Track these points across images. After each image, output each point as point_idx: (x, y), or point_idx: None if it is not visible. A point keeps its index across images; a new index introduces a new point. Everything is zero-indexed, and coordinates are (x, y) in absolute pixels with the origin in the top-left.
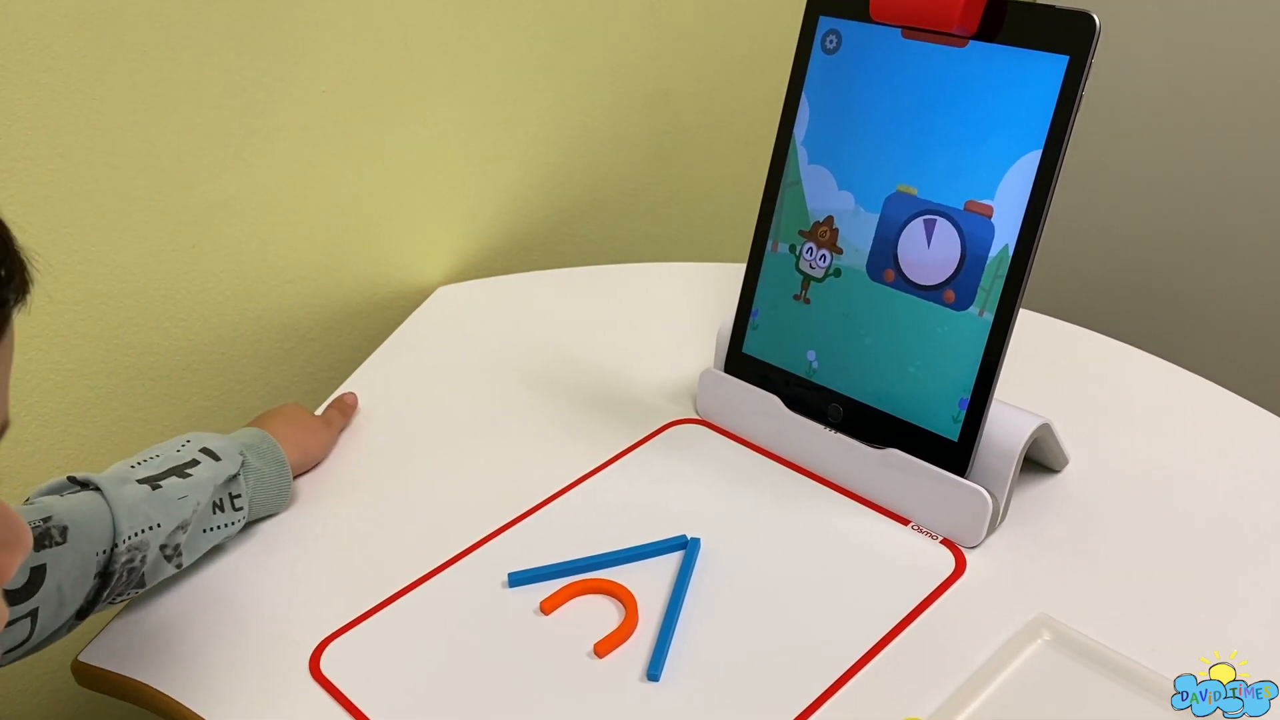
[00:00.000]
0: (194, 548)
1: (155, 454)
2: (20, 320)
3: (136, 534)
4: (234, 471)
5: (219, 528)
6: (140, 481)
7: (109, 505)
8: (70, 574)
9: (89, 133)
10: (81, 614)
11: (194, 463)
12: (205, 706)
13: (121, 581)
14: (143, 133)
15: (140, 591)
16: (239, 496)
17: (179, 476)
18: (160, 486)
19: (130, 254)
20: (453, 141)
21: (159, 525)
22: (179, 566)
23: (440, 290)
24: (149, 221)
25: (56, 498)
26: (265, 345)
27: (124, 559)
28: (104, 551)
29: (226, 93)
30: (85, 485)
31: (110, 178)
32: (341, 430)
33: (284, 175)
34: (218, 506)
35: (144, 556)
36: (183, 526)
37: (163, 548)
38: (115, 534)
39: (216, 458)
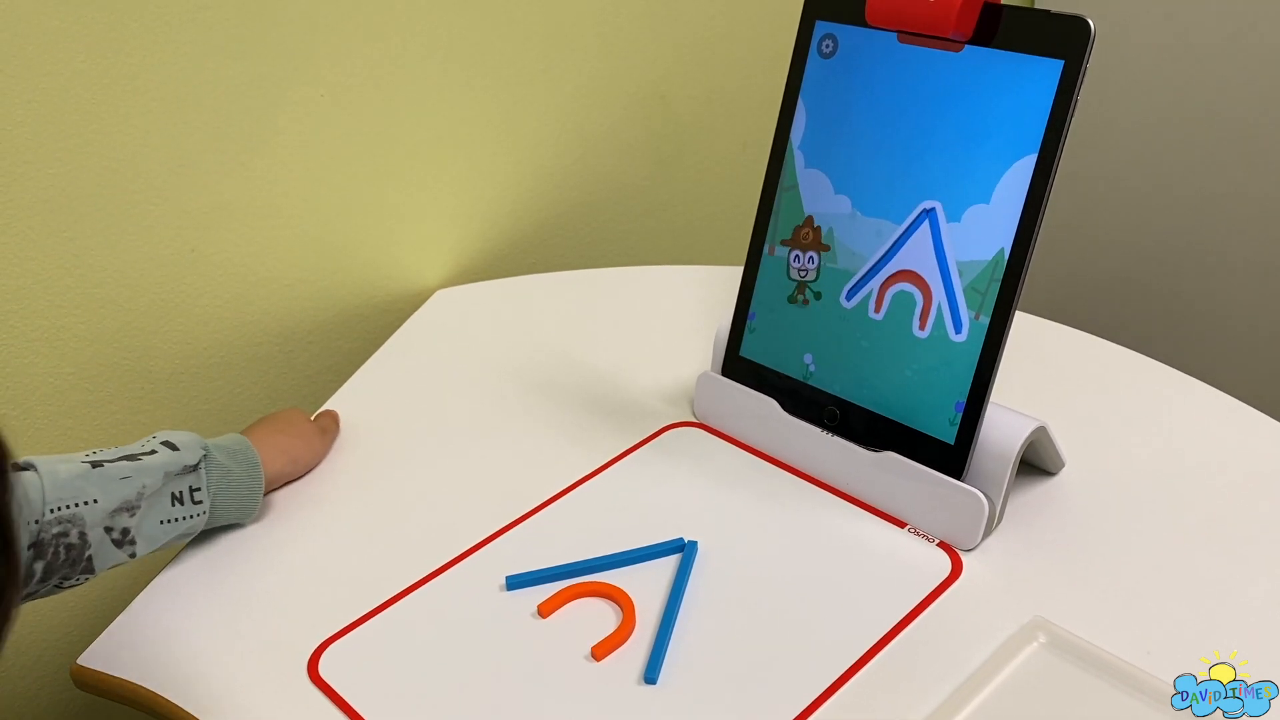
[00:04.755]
0: (149, 536)
1: (118, 448)
2: (19, 324)
3: (66, 506)
4: (192, 462)
5: (177, 520)
6: (83, 462)
7: (39, 477)
8: None
9: (88, 137)
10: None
11: (150, 452)
12: (204, 710)
13: (61, 560)
14: (141, 137)
15: (90, 578)
16: (199, 490)
17: (128, 460)
18: (102, 466)
19: (129, 258)
20: (451, 145)
21: (95, 501)
22: (134, 554)
23: (438, 294)
24: (148, 225)
25: None
26: (263, 348)
27: (54, 530)
28: (34, 522)
29: (225, 97)
30: (26, 468)
31: (109, 181)
32: (334, 439)
33: (282, 179)
34: (176, 499)
35: (81, 533)
36: (127, 509)
37: (108, 530)
38: (44, 503)
39: (175, 449)
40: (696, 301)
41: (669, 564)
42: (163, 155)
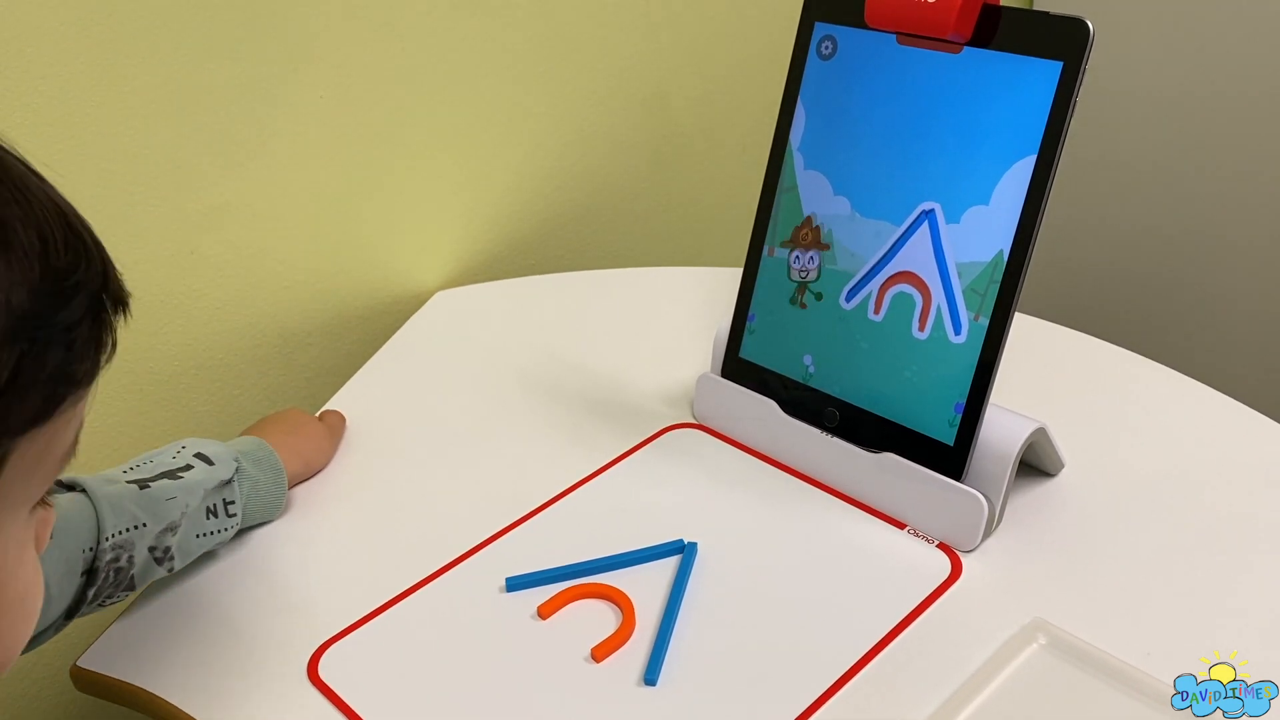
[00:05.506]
0: (186, 551)
1: (149, 459)
2: None
3: (121, 532)
4: (227, 477)
5: (212, 533)
6: (129, 482)
7: (93, 503)
8: (56, 571)
9: (86, 138)
10: (69, 614)
11: (187, 467)
12: (203, 711)
13: (109, 582)
14: (140, 138)
15: (130, 594)
16: (233, 503)
17: (170, 479)
18: (149, 487)
19: (128, 259)
20: (450, 146)
21: (144, 525)
22: (170, 570)
23: (438, 295)
24: (147, 227)
25: None
26: (263, 350)
27: (108, 557)
28: (89, 549)
29: (224, 98)
30: (71, 487)
31: (108, 183)
32: (340, 438)
33: (282, 180)
34: (211, 512)
35: (130, 557)
36: (171, 528)
37: (151, 550)
38: (99, 531)
39: (210, 463)
40: (696, 303)
41: (669, 565)
42: (162, 156)
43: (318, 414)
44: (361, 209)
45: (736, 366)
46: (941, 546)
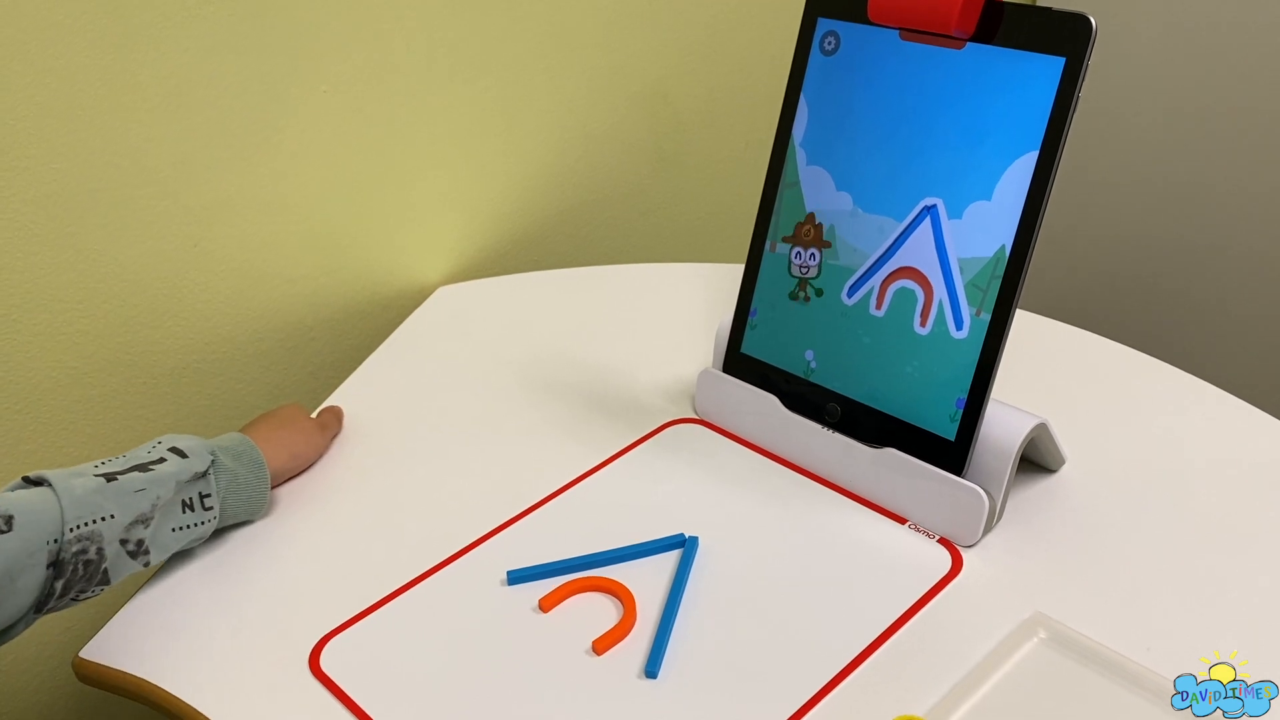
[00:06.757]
0: (162, 545)
1: (125, 455)
2: (22, 319)
3: (86, 523)
4: (201, 469)
5: (188, 527)
6: (97, 475)
7: (56, 495)
8: (20, 563)
9: (91, 132)
10: (39, 607)
11: (159, 460)
12: (205, 703)
13: (79, 575)
14: (145, 132)
15: (105, 589)
16: (209, 496)
17: (140, 471)
18: (116, 479)
19: (132, 253)
20: (453, 141)
21: (112, 516)
22: (147, 564)
23: (440, 290)
24: (151, 220)
25: (6, 492)
26: (266, 344)
27: (74, 549)
28: (54, 540)
29: (228, 92)
30: (39, 483)
31: (112, 177)
32: (336, 435)
33: (285, 175)
34: (187, 505)
35: (99, 549)
36: (142, 521)
37: (123, 542)
38: (63, 523)
39: (184, 455)
40: (698, 298)
41: (670, 559)
42: (165, 151)
43: (317, 410)
44: (364, 204)
45: (738, 362)
46: (942, 541)
